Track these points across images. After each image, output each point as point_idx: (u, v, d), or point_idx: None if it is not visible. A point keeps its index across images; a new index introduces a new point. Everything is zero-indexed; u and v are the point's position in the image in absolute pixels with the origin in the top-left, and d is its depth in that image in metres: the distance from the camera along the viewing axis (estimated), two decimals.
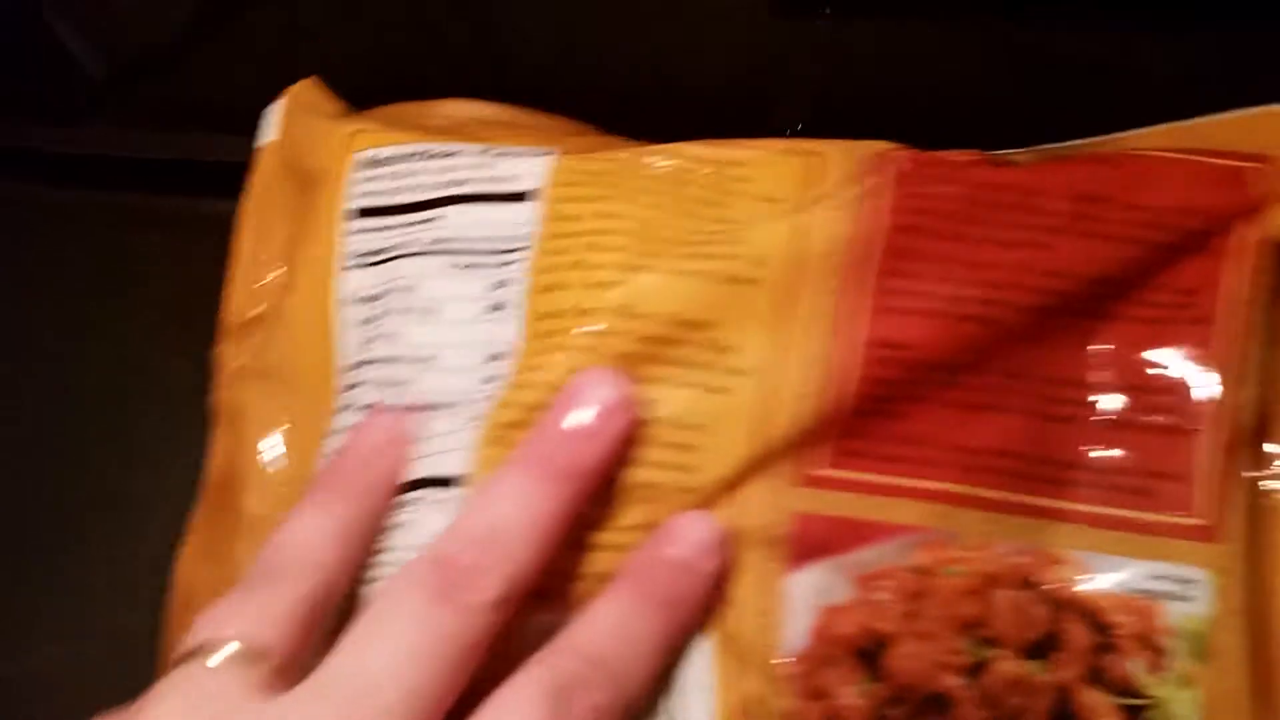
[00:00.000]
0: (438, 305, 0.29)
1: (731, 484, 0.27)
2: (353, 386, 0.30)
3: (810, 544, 0.27)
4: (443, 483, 0.28)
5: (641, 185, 0.29)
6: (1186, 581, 0.26)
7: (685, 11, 0.36)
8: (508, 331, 0.29)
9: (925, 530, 0.27)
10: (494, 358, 0.29)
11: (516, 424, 0.28)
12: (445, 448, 0.29)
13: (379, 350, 0.30)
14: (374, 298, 0.30)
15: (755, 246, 0.28)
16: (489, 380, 0.29)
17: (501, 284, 0.29)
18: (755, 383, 0.27)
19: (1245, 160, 0.28)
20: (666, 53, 0.37)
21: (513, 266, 0.29)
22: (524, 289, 0.29)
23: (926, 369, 0.27)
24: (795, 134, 0.32)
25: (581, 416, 0.27)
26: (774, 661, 0.27)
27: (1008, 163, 0.29)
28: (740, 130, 0.30)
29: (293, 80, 0.34)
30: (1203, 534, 0.26)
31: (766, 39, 0.36)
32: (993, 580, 0.26)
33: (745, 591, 0.27)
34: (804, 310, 0.27)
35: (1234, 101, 0.29)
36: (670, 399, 0.27)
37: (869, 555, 0.27)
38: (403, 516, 0.28)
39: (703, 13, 0.36)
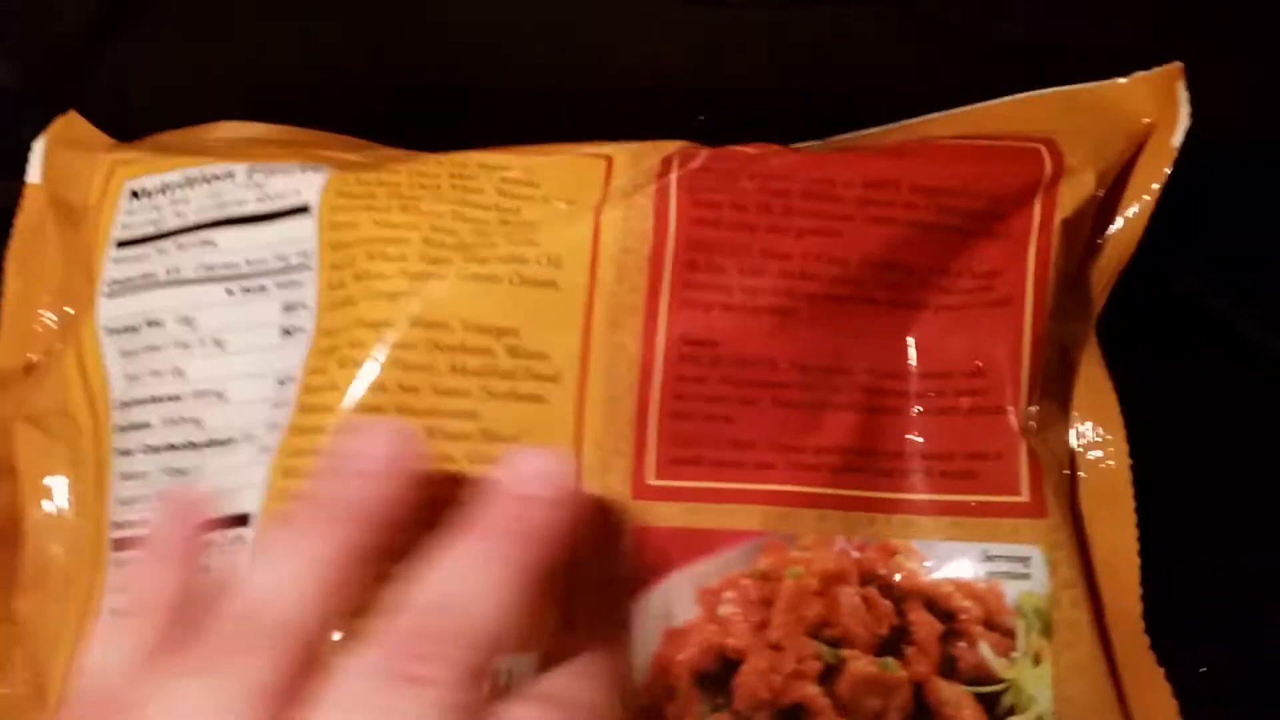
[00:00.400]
0: (222, 336, 0.27)
1: None
2: (135, 427, 0.27)
3: (649, 561, 0.25)
4: (237, 520, 0.25)
5: (421, 195, 0.27)
6: (1021, 559, 0.26)
7: (594, 7, 0.35)
8: (298, 354, 0.26)
9: (765, 534, 0.25)
10: (283, 383, 0.26)
11: (307, 451, 0.25)
12: (237, 484, 0.26)
13: (162, 387, 0.27)
14: (140, 328, 0.27)
15: (549, 246, 0.26)
16: (279, 406, 0.26)
17: (291, 306, 0.26)
18: (566, 388, 0.25)
19: (1032, 141, 0.28)
20: (577, 47, 0.35)
21: (302, 288, 0.27)
22: (314, 308, 0.26)
23: (738, 365, 0.26)
24: (698, 125, 0.30)
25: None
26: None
27: (799, 148, 0.28)
28: (646, 121, 0.29)
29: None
30: (1027, 510, 0.26)
31: (679, 28, 0.35)
32: (835, 578, 0.25)
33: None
34: (604, 311, 0.26)
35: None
36: (482, 412, 0.25)
37: (709, 567, 0.25)
38: None
39: (612, 7, 0.35)
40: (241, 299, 0.27)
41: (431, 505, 0.22)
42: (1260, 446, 0.30)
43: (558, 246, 0.26)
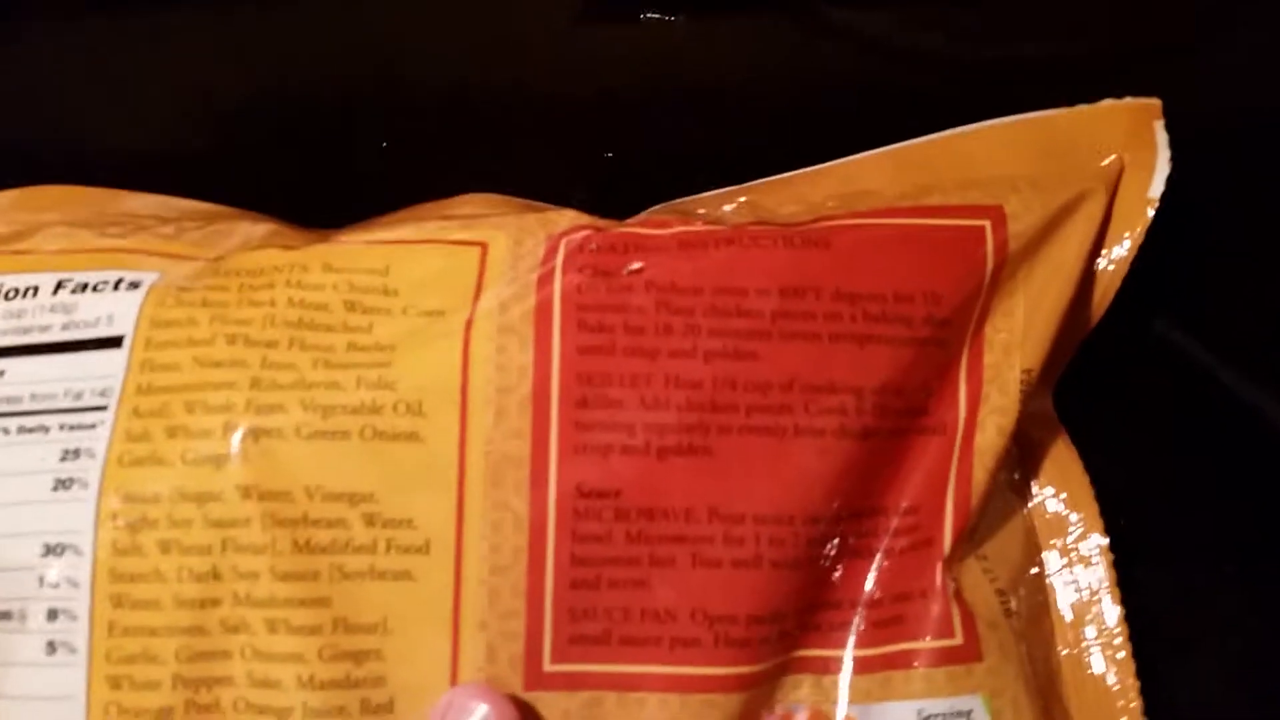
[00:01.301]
0: None
1: (435, 693, 0.21)
2: None
3: None
4: None
5: (251, 318, 0.22)
6: (962, 714, 0.22)
7: (491, 23, 0.31)
8: (76, 517, 0.21)
9: None
10: (52, 551, 0.21)
11: (140, 656, 0.21)
12: (37, 691, 0.21)
13: None
14: None
15: (408, 389, 0.22)
16: (54, 585, 0.21)
17: (73, 453, 0.22)
18: (439, 560, 0.21)
19: (974, 217, 0.24)
20: (473, 68, 0.31)
21: (90, 434, 0.22)
22: (102, 461, 0.21)
23: (646, 519, 0.22)
24: (608, 159, 0.28)
25: None
26: None
27: (710, 229, 0.24)
28: (553, 152, 0.27)
29: None
30: (961, 655, 0.22)
31: (581, 48, 0.31)
32: None
33: None
34: (480, 464, 0.21)
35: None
36: (334, 598, 0.21)
37: None
38: None
39: (510, 22, 0.31)
40: (15, 439, 0.22)
41: None
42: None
43: (418, 389, 0.21)
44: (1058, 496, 0.25)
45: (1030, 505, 0.25)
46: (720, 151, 0.29)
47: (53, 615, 0.21)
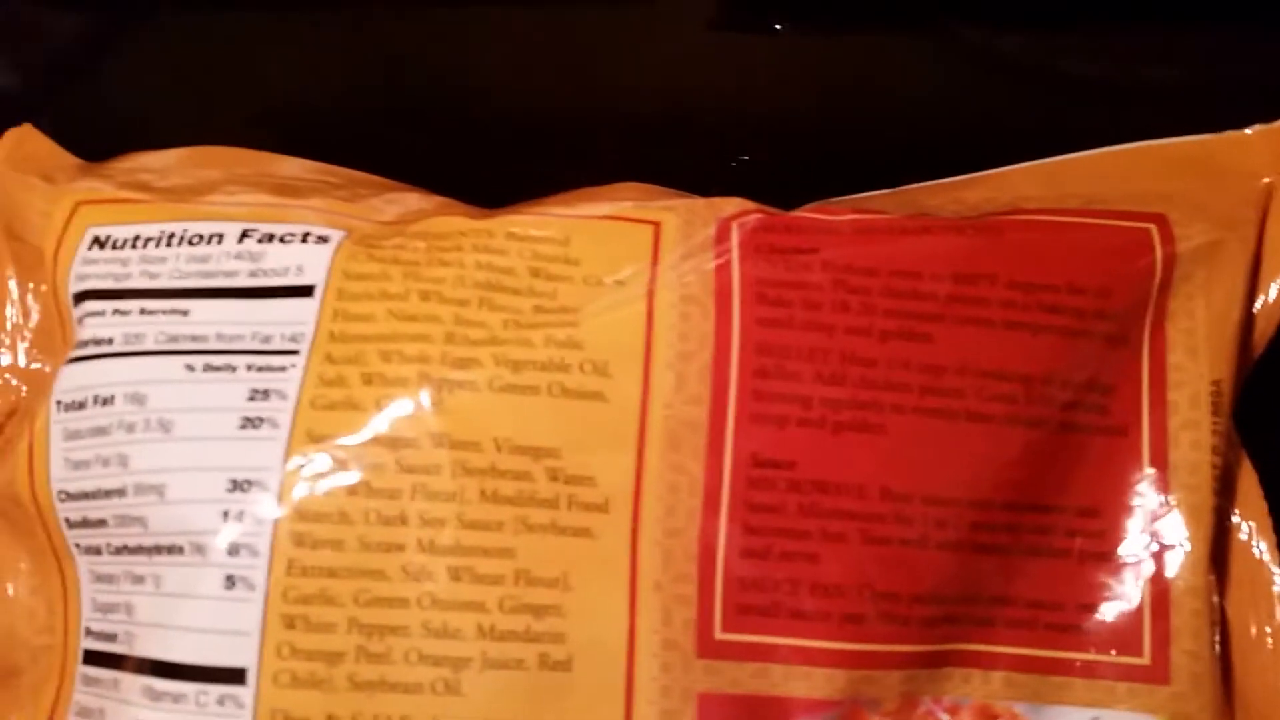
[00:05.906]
0: (170, 417, 0.22)
1: (614, 653, 0.21)
2: (90, 524, 0.23)
3: None
4: (224, 675, 0.21)
5: (443, 277, 0.23)
6: None
7: (621, 33, 0.32)
8: (265, 454, 0.22)
9: (843, 703, 0.22)
10: (239, 486, 0.22)
11: (317, 596, 0.21)
12: (212, 624, 0.22)
13: (109, 479, 0.23)
14: (88, 404, 0.23)
15: (595, 350, 0.22)
16: (236, 517, 0.22)
17: (261, 394, 0.22)
18: (617, 519, 0.22)
19: (1140, 222, 0.24)
20: (603, 79, 0.32)
21: (280, 375, 0.22)
22: (294, 403, 0.22)
23: (819, 492, 0.22)
24: (740, 165, 0.29)
25: None
26: None
27: (882, 217, 0.24)
28: (684, 160, 0.28)
29: None
30: (1146, 675, 0.22)
31: (712, 59, 0.32)
32: None
33: None
34: (660, 426, 0.22)
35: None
36: (518, 549, 0.21)
37: None
38: None
39: (641, 33, 0.32)
40: (201, 377, 0.22)
41: None
42: None
43: (605, 350, 0.22)
44: (1247, 523, 0.24)
45: (1231, 534, 0.25)
46: (849, 164, 0.30)
47: (234, 550, 0.21)
